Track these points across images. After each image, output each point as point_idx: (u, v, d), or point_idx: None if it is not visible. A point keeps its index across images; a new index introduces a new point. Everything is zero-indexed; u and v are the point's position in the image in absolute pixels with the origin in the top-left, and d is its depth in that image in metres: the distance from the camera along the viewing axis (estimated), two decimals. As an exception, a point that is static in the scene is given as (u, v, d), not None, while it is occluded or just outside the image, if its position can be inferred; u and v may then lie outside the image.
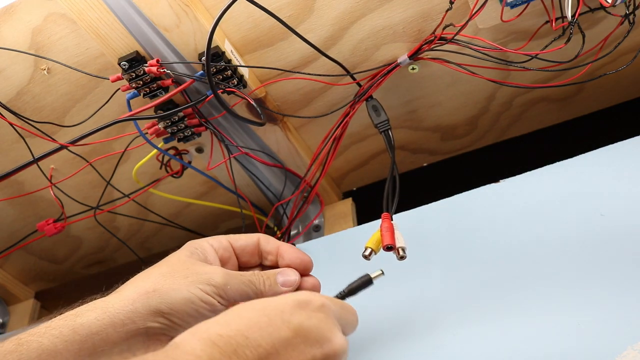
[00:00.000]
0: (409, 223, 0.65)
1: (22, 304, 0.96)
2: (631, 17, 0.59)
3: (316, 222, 0.81)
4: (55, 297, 1.02)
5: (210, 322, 0.41)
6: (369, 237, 0.53)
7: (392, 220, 0.54)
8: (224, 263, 0.53)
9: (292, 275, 0.52)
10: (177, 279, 0.48)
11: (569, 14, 0.56)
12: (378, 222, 0.54)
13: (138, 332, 0.48)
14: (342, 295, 0.51)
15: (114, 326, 0.47)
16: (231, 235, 0.54)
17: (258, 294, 0.50)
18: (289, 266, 0.53)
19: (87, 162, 0.75)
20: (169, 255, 0.52)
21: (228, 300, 0.49)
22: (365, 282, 0.51)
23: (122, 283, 0.51)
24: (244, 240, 0.54)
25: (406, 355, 0.54)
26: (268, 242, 0.54)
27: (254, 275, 0.51)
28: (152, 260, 0.53)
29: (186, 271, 0.49)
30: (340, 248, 0.68)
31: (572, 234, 0.56)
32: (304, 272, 0.53)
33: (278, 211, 0.80)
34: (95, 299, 0.49)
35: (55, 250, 0.92)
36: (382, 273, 0.51)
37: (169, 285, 0.48)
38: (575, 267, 0.53)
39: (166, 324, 0.48)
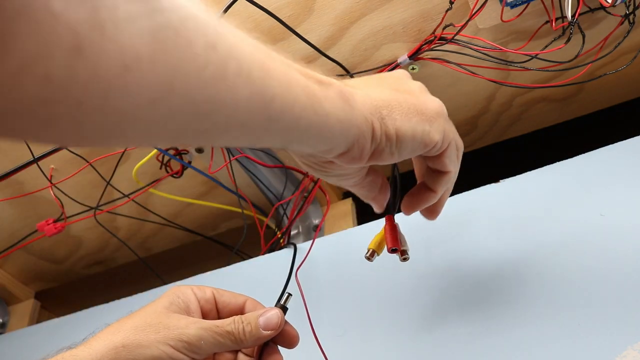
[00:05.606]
0: (410, 223, 0.65)
1: (22, 304, 0.96)
2: (631, 17, 0.59)
3: (316, 221, 0.81)
4: (55, 297, 1.02)
5: None
6: (369, 237, 0.53)
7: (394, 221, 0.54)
8: (205, 314, 0.50)
9: (275, 318, 0.48)
10: (148, 334, 0.46)
11: (569, 14, 0.56)
12: (378, 222, 0.54)
13: None
14: None
15: None
16: (218, 289, 0.52)
17: (238, 343, 0.47)
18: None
19: (87, 162, 0.75)
20: (148, 305, 0.49)
21: (203, 355, 0.47)
22: None
23: (94, 333, 0.48)
24: (227, 297, 0.52)
25: (406, 355, 0.54)
26: (255, 307, 0.51)
27: (233, 323, 0.48)
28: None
29: (159, 325, 0.47)
30: (340, 248, 0.68)
31: (572, 234, 0.56)
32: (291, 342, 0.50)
33: (278, 211, 0.80)
34: (63, 349, 0.47)
35: (55, 250, 0.92)
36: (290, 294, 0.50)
37: (138, 341, 0.46)
38: (575, 267, 0.53)
39: None
